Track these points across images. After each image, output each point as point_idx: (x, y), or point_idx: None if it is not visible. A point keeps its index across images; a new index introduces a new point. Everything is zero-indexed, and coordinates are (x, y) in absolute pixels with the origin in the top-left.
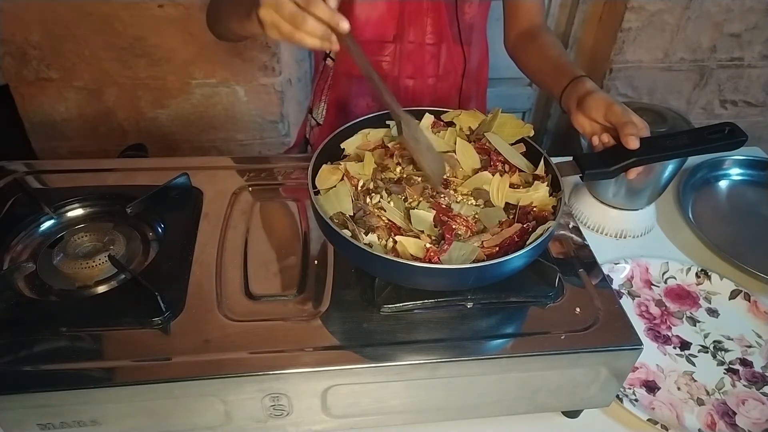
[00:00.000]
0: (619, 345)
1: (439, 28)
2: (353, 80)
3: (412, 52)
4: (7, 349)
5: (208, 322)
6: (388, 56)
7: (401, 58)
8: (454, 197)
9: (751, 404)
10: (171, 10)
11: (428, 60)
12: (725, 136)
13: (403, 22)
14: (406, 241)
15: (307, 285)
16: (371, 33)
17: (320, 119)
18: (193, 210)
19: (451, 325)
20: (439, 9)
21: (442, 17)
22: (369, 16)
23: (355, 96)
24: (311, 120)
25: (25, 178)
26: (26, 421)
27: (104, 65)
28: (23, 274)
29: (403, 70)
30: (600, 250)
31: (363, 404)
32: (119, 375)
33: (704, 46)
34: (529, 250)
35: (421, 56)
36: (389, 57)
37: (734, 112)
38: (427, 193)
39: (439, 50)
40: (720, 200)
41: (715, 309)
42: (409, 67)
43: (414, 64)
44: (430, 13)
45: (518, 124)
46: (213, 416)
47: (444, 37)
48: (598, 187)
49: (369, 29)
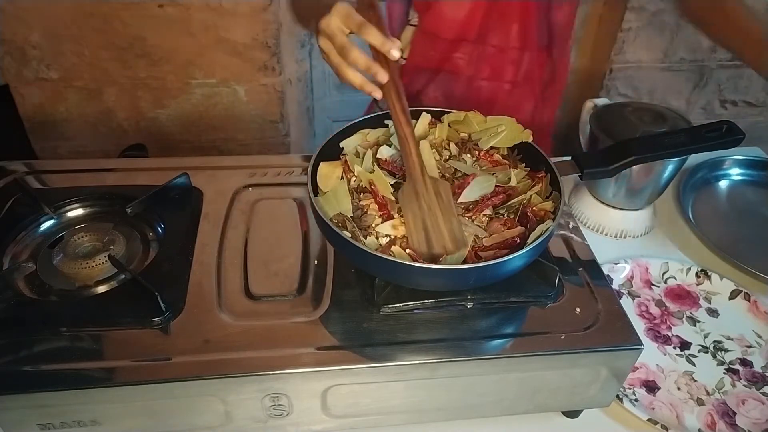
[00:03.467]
0: (619, 345)
1: (525, 33)
2: (422, 72)
3: (492, 56)
4: (7, 349)
5: (208, 322)
6: (464, 55)
7: (479, 59)
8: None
9: (751, 404)
10: (171, 10)
11: (508, 65)
12: (723, 134)
13: (488, 24)
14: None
15: (307, 285)
16: (452, 32)
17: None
18: (193, 210)
19: (451, 325)
20: (527, 14)
21: (529, 22)
22: (455, 14)
23: (424, 86)
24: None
25: (25, 178)
26: (26, 421)
27: (104, 65)
28: (23, 274)
29: (479, 72)
30: (600, 250)
31: (363, 404)
32: (119, 375)
33: (704, 46)
34: (529, 250)
35: (500, 60)
36: (465, 56)
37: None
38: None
39: (521, 56)
40: (720, 200)
41: (715, 309)
42: (486, 69)
43: (492, 67)
44: (518, 18)
45: (518, 129)
46: (213, 416)
47: (529, 44)
48: (598, 187)
49: (450, 27)
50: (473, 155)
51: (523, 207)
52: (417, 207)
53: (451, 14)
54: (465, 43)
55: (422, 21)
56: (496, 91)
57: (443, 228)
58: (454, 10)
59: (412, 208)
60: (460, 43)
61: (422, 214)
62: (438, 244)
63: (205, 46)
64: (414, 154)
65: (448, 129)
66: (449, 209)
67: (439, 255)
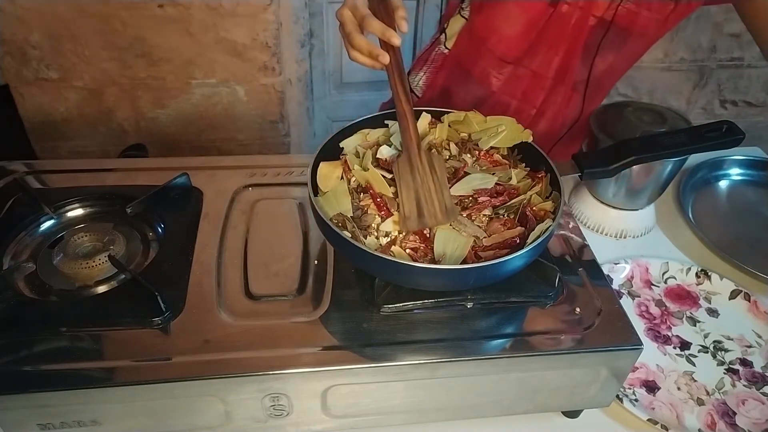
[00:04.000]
0: (619, 345)
1: (564, 69)
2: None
3: (528, 77)
4: (7, 349)
5: (208, 322)
6: (503, 76)
7: (514, 79)
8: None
9: (751, 404)
10: (171, 10)
11: (539, 91)
12: (723, 134)
13: (535, 48)
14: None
15: (307, 285)
16: (500, 48)
17: (418, 91)
18: (193, 210)
19: (451, 325)
20: (575, 48)
21: (572, 60)
22: (503, 32)
23: (458, 86)
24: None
25: (25, 178)
26: (26, 421)
27: (104, 65)
28: (23, 274)
29: (510, 90)
30: (600, 250)
31: (363, 404)
32: (119, 375)
33: (704, 46)
34: (529, 250)
35: (534, 85)
36: (503, 76)
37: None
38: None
39: (554, 86)
40: (720, 200)
41: (715, 309)
42: (518, 90)
43: (524, 89)
44: (564, 49)
45: (518, 129)
46: (213, 416)
47: (566, 79)
48: (598, 187)
49: (500, 43)
50: (473, 155)
51: (523, 207)
52: (411, 178)
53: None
54: (505, 65)
55: (472, 21)
56: (521, 112)
57: (435, 198)
58: (503, 25)
59: (406, 179)
60: (502, 63)
61: (415, 186)
62: (429, 214)
63: (205, 46)
64: (411, 129)
65: (448, 129)
66: (442, 181)
67: (429, 224)
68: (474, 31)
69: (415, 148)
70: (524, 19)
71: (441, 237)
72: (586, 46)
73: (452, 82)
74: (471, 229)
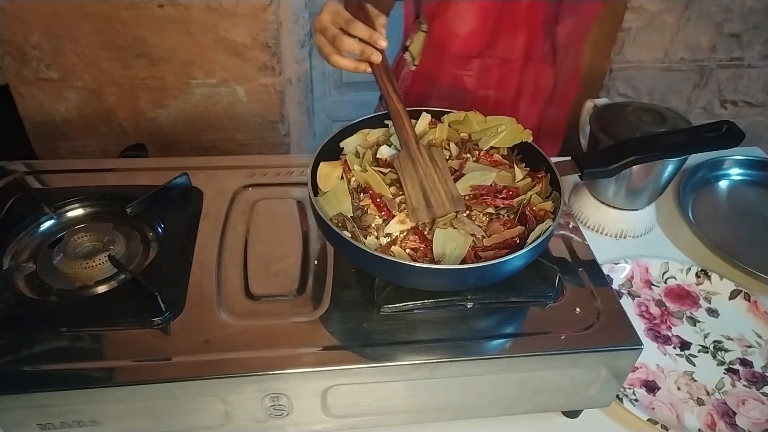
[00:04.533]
0: (619, 345)
1: (530, 47)
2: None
3: (498, 66)
4: (7, 349)
5: (208, 322)
6: (472, 71)
7: (485, 70)
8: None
9: (751, 404)
10: (171, 10)
11: (512, 74)
12: (723, 134)
13: (494, 38)
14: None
15: (307, 285)
16: (459, 47)
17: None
18: (193, 210)
19: (451, 325)
20: (534, 26)
21: (535, 37)
22: (460, 29)
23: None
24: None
25: (25, 178)
26: (26, 421)
27: (104, 65)
28: (23, 274)
29: (485, 82)
30: (600, 250)
31: (363, 404)
32: (119, 375)
33: (704, 46)
34: (529, 250)
35: (505, 70)
36: (473, 71)
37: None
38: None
39: (525, 66)
40: (720, 200)
41: (715, 309)
42: (491, 79)
43: (497, 77)
44: (523, 32)
45: (518, 129)
46: (213, 416)
47: (534, 55)
48: (598, 187)
49: (458, 43)
50: (473, 155)
51: (523, 207)
52: (414, 171)
53: (458, 30)
54: (471, 60)
55: (430, 31)
56: (501, 100)
57: (440, 188)
58: (459, 24)
59: (410, 173)
60: (466, 60)
61: (419, 177)
62: (436, 204)
63: (205, 46)
64: (407, 127)
65: (448, 129)
66: (444, 172)
67: (438, 213)
68: (434, 39)
69: (414, 143)
70: (477, 12)
71: (440, 236)
72: (544, 20)
73: (425, 95)
74: (470, 227)
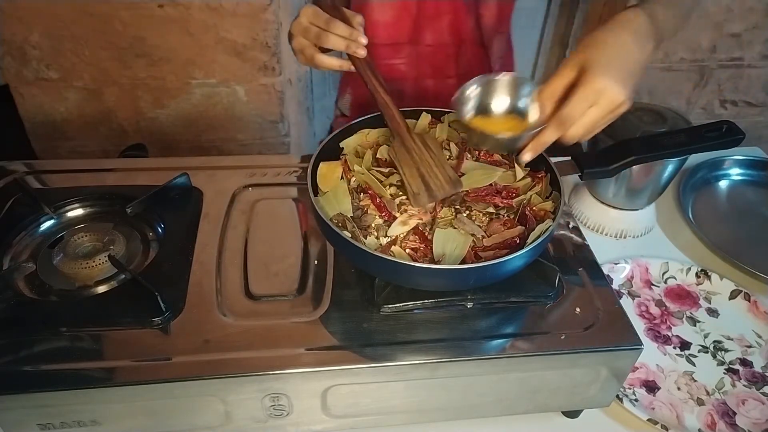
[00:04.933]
0: (619, 345)
1: (457, 29)
2: None
3: (431, 54)
4: (7, 349)
5: (208, 322)
6: (405, 58)
7: (419, 59)
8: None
9: (751, 404)
10: (171, 10)
11: (447, 60)
12: (723, 134)
13: (420, 24)
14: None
15: (307, 285)
16: (386, 36)
17: (346, 111)
18: (193, 210)
19: (451, 325)
20: (457, 10)
21: (460, 18)
22: (383, 18)
23: None
24: (337, 110)
25: (25, 178)
26: (26, 421)
27: (104, 65)
28: (23, 274)
29: (422, 72)
30: (600, 250)
31: (363, 404)
32: (119, 375)
33: (704, 46)
34: (529, 250)
35: (439, 56)
36: (405, 59)
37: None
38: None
39: (458, 51)
40: (720, 200)
41: (715, 309)
42: (427, 67)
43: (433, 65)
44: (448, 15)
45: None
46: (213, 416)
47: (464, 39)
48: (598, 187)
49: (383, 32)
50: (473, 155)
51: (523, 207)
52: (410, 159)
53: (380, 18)
54: (401, 47)
55: None
56: (441, 88)
57: (437, 172)
58: (381, 13)
59: (406, 159)
60: (398, 48)
61: (416, 164)
62: (436, 187)
63: (205, 46)
64: (397, 116)
65: (448, 129)
66: (440, 156)
67: (438, 196)
68: None
69: (406, 132)
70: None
71: (440, 236)
72: (466, 3)
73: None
74: (470, 227)
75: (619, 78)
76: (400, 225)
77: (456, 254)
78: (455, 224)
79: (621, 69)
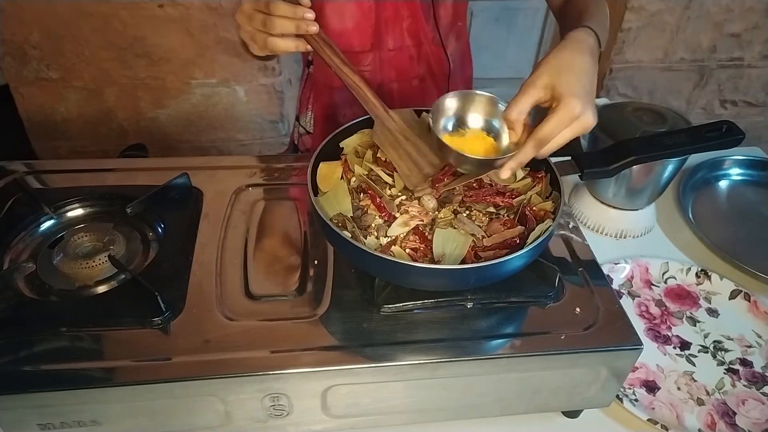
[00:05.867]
0: (619, 345)
1: (416, 31)
2: (335, 91)
3: (393, 57)
4: (7, 349)
5: (208, 322)
6: (369, 65)
7: (382, 64)
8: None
9: (751, 404)
10: (171, 10)
11: (409, 62)
12: (723, 134)
13: (380, 30)
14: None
15: (307, 285)
16: (349, 44)
17: (309, 127)
18: (193, 210)
19: (451, 325)
20: (415, 14)
21: (419, 21)
22: (343, 26)
23: (342, 106)
24: (299, 128)
25: (25, 178)
26: (26, 421)
27: (104, 65)
28: (23, 274)
29: (386, 75)
30: (600, 250)
31: (363, 404)
32: (119, 375)
33: (704, 46)
34: (529, 250)
35: (401, 60)
36: (370, 65)
37: (734, 112)
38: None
39: (419, 52)
40: (720, 200)
41: (715, 309)
42: (391, 71)
43: (396, 68)
44: (407, 19)
45: None
46: (213, 416)
47: (423, 40)
48: (598, 187)
49: (346, 41)
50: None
51: (523, 207)
52: (394, 140)
53: (341, 27)
54: (365, 54)
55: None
56: (406, 89)
57: (424, 148)
58: (340, 22)
59: (391, 142)
60: (360, 55)
61: (401, 145)
62: (426, 164)
63: (205, 46)
64: (370, 95)
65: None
66: (422, 132)
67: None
68: None
69: (383, 113)
70: (355, 7)
71: (440, 236)
72: (423, 5)
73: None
74: (470, 227)
75: (588, 102)
76: (400, 225)
77: (456, 254)
78: (455, 224)
79: (589, 92)
